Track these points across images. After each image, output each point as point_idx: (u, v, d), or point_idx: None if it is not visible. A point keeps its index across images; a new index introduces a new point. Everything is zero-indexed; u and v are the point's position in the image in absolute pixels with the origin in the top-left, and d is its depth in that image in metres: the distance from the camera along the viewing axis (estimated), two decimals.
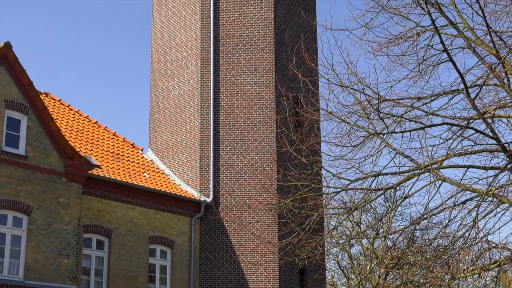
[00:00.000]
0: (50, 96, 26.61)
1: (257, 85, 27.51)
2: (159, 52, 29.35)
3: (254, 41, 27.93)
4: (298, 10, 29.35)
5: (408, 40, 15.49)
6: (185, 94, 27.88)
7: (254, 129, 27.08)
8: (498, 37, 13.98)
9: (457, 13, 14.64)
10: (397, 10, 15.27)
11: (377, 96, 14.44)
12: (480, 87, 14.04)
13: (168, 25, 29.28)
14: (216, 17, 28.11)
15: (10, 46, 20.36)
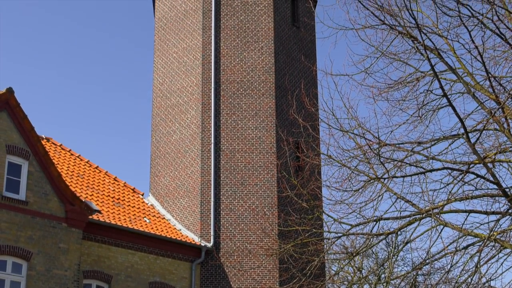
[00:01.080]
0: (51, 141, 26.67)
1: (257, 129, 27.59)
2: (160, 97, 29.52)
3: (255, 86, 28.11)
4: (298, 55, 29.60)
5: (408, 85, 15.60)
6: (186, 139, 27.95)
7: (255, 173, 27.08)
8: (497, 82, 14.08)
9: (456, 58, 14.77)
10: (396, 55, 15.41)
11: (378, 140, 14.47)
12: (480, 132, 14.08)
13: (169, 70, 29.50)
14: (217, 62, 28.34)
15: (12, 91, 20.49)
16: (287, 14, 29.89)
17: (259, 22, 28.95)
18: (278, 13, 29.38)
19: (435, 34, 14.78)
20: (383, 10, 14.63)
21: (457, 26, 14.59)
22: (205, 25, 28.77)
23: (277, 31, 29.04)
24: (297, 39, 29.95)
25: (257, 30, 28.84)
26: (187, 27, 29.35)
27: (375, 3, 14.72)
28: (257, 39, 28.72)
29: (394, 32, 14.85)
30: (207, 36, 28.65)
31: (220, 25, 28.81)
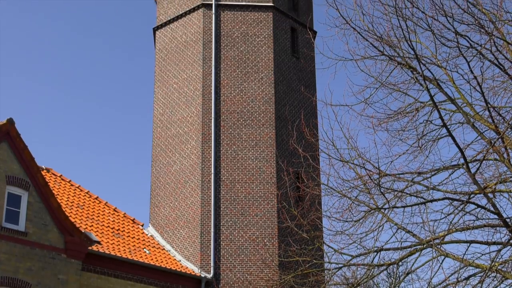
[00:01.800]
0: (51, 172, 26.66)
1: (258, 160, 27.59)
2: (160, 127, 29.57)
3: (255, 117, 28.17)
4: (298, 86, 29.71)
5: (407, 116, 15.63)
6: (186, 169, 27.94)
7: (255, 204, 27.02)
8: (497, 113, 14.11)
9: (455, 89, 14.81)
10: (396, 86, 15.46)
11: (378, 171, 14.45)
12: (480, 162, 14.07)
13: (169, 101, 29.59)
14: (217, 93, 28.44)
15: (13, 122, 20.54)
16: (287, 45, 30.06)
17: (259, 53, 29.10)
18: (278, 44, 29.55)
19: (434, 64, 14.85)
20: (382, 41, 14.71)
21: (456, 57, 14.67)
22: (205, 56, 28.93)
23: (277, 62, 29.19)
24: (297, 69, 30.08)
25: (257, 61, 28.98)
26: (187, 58, 29.50)
27: (374, 34, 14.81)
28: (257, 69, 28.86)
29: (393, 63, 14.92)
30: (208, 66, 28.79)
31: (220, 56, 28.96)
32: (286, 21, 30.41)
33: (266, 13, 29.69)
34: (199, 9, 29.74)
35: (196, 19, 29.77)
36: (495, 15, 13.92)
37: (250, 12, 29.67)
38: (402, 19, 14.05)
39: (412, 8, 14.35)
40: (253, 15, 29.63)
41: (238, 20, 29.56)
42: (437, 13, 14.20)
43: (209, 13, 29.51)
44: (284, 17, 30.31)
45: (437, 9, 14.14)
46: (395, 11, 14.09)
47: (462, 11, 13.96)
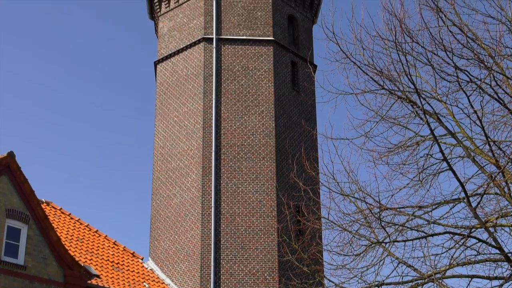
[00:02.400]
0: (51, 205, 26.61)
1: (258, 193, 27.55)
2: (161, 160, 29.57)
3: (255, 150, 28.19)
4: (298, 119, 29.78)
5: (407, 149, 15.64)
6: (186, 203, 27.88)
7: (256, 237, 26.91)
8: (497, 147, 14.12)
9: (456, 123, 14.84)
10: (396, 120, 15.50)
11: (378, 204, 14.43)
12: (481, 196, 14.05)
13: (170, 134, 29.64)
14: (217, 126, 28.50)
15: (13, 155, 20.56)
16: (287, 79, 30.21)
17: (260, 87, 29.23)
18: (279, 78, 29.69)
19: (434, 98, 14.90)
20: (382, 75, 14.78)
21: (456, 91, 14.73)
22: (206, 90, 29.04)
23: (277, 95, 29.30)
24: (298, 103, 30.18)
25: (258, 94, 29.09)
26: (188, 92, 29.62)
27: (374, 68, 14.89)
28: (258, 103, 28.95)
29: (393, 97, 14.97)
30: (208, 100, 28.89)
31: (221, 90, 29.08)
32: (287, 55, 30.59)
33: (266, 47, 29.88)
34: (200, 43, 29.94)
35: (197, 53, 29.95)
36: (495, 50, 14.01)
37: (251, 46, 29.87)
38: (402, 54, 14.13)
39: (412, 42, 14.45)
40: (253, 49, 29.82)
41: (238, 54, 29.75)
42: (436, 47, 14.29)
43: (210, 47, 29.70)
44: (284, 51, 30.49)
45: (436, 44, 14.23)
46: (395, 45, 14.18)
47: (462, 46, 14.06)
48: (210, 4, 30.39)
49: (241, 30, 30.11)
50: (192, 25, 30.58)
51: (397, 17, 14.19)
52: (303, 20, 32.30)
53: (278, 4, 31.05)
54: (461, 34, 14.03)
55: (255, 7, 30.51)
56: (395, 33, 14.17)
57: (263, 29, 30.17)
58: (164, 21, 31.94)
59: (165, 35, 31.67)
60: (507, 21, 14.13)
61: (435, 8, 14.20)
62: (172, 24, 31.50)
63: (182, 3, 31.38)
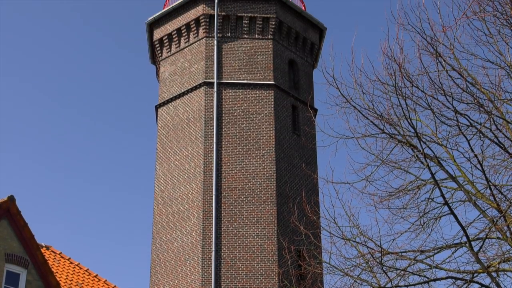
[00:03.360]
0: (51, 249, 26.45)
1: (259, 237, 27.40)
2: (161, 204, 29.48)
3: (256, 194, 28.13)
4: (299, 163, 29.77)
5: (408, 193, 15.60)
6: (186, 247, 27.72)
7: (256, 282, 26.69)
8: (498, 191, 14.10)
9: (457, 167, 14.83)
10: (397, 163, 15.50)
11: (380, 249, 14.35)
12: (483, 241, 13.98)
13: (171, 177, 29.61)
14: (218, 170, 28.48)
15: (14, 199, 20.52)
16: (288, 122, 30.29)
17: (261, 130, 29.29)
18: (279, 122, 29.77)
19: (435, 142, 14.92)
20: (383, 119, 14.83)
21: (456, 135, 14.76)
22: (207, 133, 29.11)
23: (278, 139, 29.34)
24: (298, 147, 30.22)
25: (259, 138, 29.15)
26: (189, 135, 29.68)
27: (374, 112, 14.95)
28: (259, 146, 28.99)
29: (394, 141, 15.00)
30: (209, 144, 28.93)
31: (222, 133, 29.15)
32: (287, 99, 30.72)
33: (267, 91, 30.04)
34: (201, 87, 30.10)
35: (198, 97, 30.10)
36: (494, 94, 14.08)
37: (252, 90, 30.03)
38: (402, 98, 14.21)
39: (412, 87, 14.54)
40: (254, 93, 29.98)
41: (239, 98, 29.89)
42: (436, 92, 14.37)
43: (211, 91, 29.86)
44: (285, 95, 30.64)
45: (436, 88, 14.32)
46: (395, 90, 14.27)
47: (461, 90, 14.14)
48: (211, 49, 30.65)
49: (242, 74, 30.30)
50: (193, 70, 30.79)
51: (397, 62, 14.31)
52: (304, 65, 32.53)
53: (279, 49, 31.32)
54: (461, 78, 14.12)
55: (256, 52, 30.76)
56: (394, 78, 14.27)
57: (264, 73, 30.37)
58: (166, 66, 32.17)
59: (166, 79, 31.86)
60: (506, 66, 14.23)
61: (434, 53, 14.32)
62: (173, 68, 31.72)
63: (183, 48, 31.65)
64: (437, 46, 14.32)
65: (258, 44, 30.91)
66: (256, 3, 31.39)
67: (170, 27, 32.24)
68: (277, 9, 31.41)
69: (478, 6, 13.51)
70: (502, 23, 13.86)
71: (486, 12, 13.68)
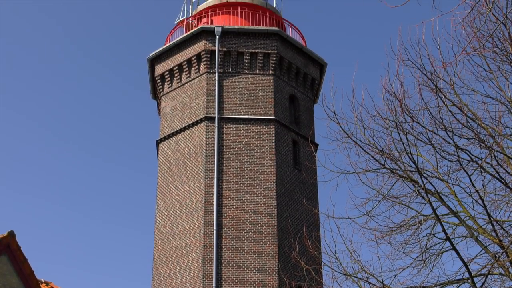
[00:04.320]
0: (50, 285, 26.25)
1: (260, 273, 27.24)
2: (161, 239, 29.35)
3: (257, 229, 28.03)
4: (300, 198, 29.71)
5: (410, 229, 15.56)
6: (187, 282, 27.54)
7: None
8: (500, 226, 14.07)
9: (458, 202, 14.81)
10: (398, 199, 15.48)
11: (382, 285, 14.29)
12: (486, 277, 13.91)
13: (171, 212, 29.52)
14: (219, 205, 28.42)
15: (14, 235, 20.42)
16: (289, 157, 30.29)
17: (261, 165, 29.28)
18: (280, 156, 29.78)
19: (436, 178, 14.92)
20: (384, 154, 14.86)
21: (457, 170, 14.77)
22: (207, 168, 29.09)
23: (279, 174, 29.32)
24: (299, 181, 30.19)
25: (259, 173, 29.13)
26: (190, 170, 29.66)
27: (375, 147, 14.99)
28: (259, 181, 28.95)
29: (395, 176, 15.00)
30: (210, 178, 28.90)
31: (222, 168, 29.13)
32: (288, 134, 30.77)
33: (268, 126, 30.10)
34: (202, 122, 30.16)
35: (199, 132, 30.15)
36: (495, 129, 14.12)
37: (252, 125, 30.09)
38: (403, 133, 14.27)
39: (412, 122, 14.59)
40: (255, 127, 30.04)
41: (240, 132, 29.94)
42: (437, 127, 14.42)
43: (212, 126, 29.92)
44: (286, 130, 30.69)
45: (437, 124, 14.37)
46: (396, 125, 14.32)
47: (462, 125, 14.19)
48: (212, 84, 30.79)
49: (243, 109, 30.39)
50: (194, 105, 30.89)
51: (397, 97, 14.39)
52: (304, 100, 32.65)
53: (280, 84, 31.45)
54: (461, 114, 14.18)
55: (257, 87, 30.89)
56: (395, 113, 14.34)
57: (265, 108, 30.46)
58: (167, 101, 32.29)
59: (167, 114, 31.95)
60: (506, 102, 14.29)
61: (434, 89, 14.40)
62: (174, 103, 31.83)
63: (185, 83, 31.79)
64: (437, 82, 14.41)
65: (259, 79, 31.05)
66: (257, 39, 31.62)
67: (172, 62, 32.43)
68: (278, 45, 31.62)
69: (478, 42, 13.62)
70: (502, 59, 13.95)
71: (486, 48, 13.78)
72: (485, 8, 12.43)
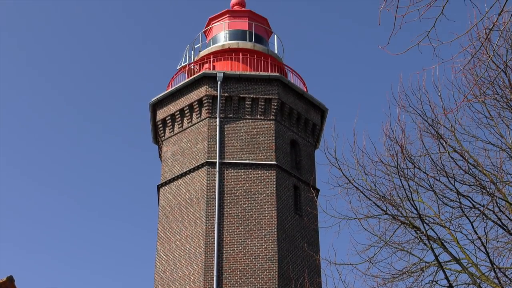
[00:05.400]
0: None
1: None
2: (161, 285, 29.11)
3: (258, 275, 27.82)
4: (301, 243, 29.56)
5: (412, 275, 15.47)
6: None
7: None
8: (503, 273, 13.98)
9: (460, 249, 14.75)
10: (400, 245, 15.42)
11: None
12: None
13: (172, 258, 29.34)
14: (219, 250, 28.26)
15: (13, 280, 20.31)
16: (290, 203, 30.23)
17: (262, 211, 29.21)
18: (281, 202, 29.71)
19: (438, 224, 14.89)
20: (385, 201, 14.85)
21: (459, 217, 14.75)
22: (208, 213, 29.00)
23: (280, 220, 29.22)
24: (300, 227, 30.07)
25: (260, 218, 29.03)
26: (190, 215, 29.57)
27: (376, 193, 14.99)
28: (260, 227, 28.84)
29: (396, 222, 14.97)
30: (210, 224, 28.80)
31: (223, 213, 29.05)
32: (289, 179, 30.76)
33: (269, 171, 30.10)
34: (203, 167, 30.17)
35: (200, 177, 30.14)
36: (496, 176, 14.15)
37: (254, 170, 30.09)
38: (404, 179, 14.29)
39: (414, 168, 14.63)
40: (256, 173, 30.03)
41: (241, 177, 29.92)
42: (438, 173, 14.45)
43: (213, 171, 29.92)
44: (287, 175, 30.68)
45: (438, 170, 14.40)
46: (397, 171, 14.35)
47: (463, 172, 14.22)
48: (213, 129, 30.88)
49: (244, 154, 30.43)
50: (196, 149, 30.94)
51: (399, 143, 14.45)
52: (305, 145, 32.71)
53: (281, 129, 31.55)
54: (463, 160, 14.22)
55: (258, 132, 30.98)
56: (397, 159, 14.38)
57: (266, 153, 30.50)
58: (168, 146, 32.35)
59: (168, 159, 31.98)
60: (508, 148, 14.34)
61: (435, 135, 14.47)
62: (175, 148, 31.88)
63: (186, 128, 31.89)
64: (438, 128, 14.49)
65: (260, 124, 31.16)
66: (258, 84, 31.83)
67: (173, 107, 32.58)
68: (279, 90, 31.81)
69: (479, 89, 13.73)
70: (503, 106, 14.05)
71: (487, 95, 13.89)
72: (485, 56, 12.57)
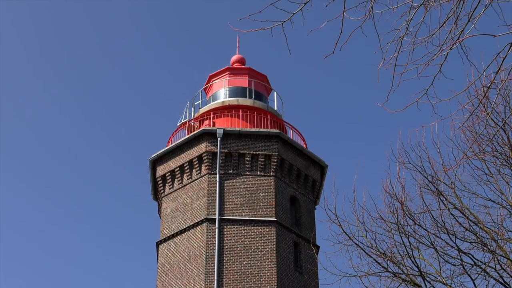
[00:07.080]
0: None
1: None
2: None
3: None
4: None
5: None
6: None
7: None
8: None
9: None
10: None
11: None
12: None
13: None
14: None
15: None
16: (290, 259, 30.01)
17: (262, 267, 28.97)
18: (281, 259, 29.50)
19: (439, 282, 14.79)
20: (386, 258, 14.78)
21: (461, 274, 14.65)
22: (208, 270, 28.76)
23: (280, 277, 28.96)
24: (300, 284, 29.78)
25: (260, 275, 28.78)
26: (190, 272, 29.32)
27: (377, 250, 14.93)
28: (260, 284, 28.57)
29: (397, 280, 14.87)
30: (210, 281, 28.53)
31: (223, 270, 28.81)
32: (289, 236, 30.58)
33: (269, 227, 29.95)
34: (203, 224, 30.03)
35: (199, 233, 29.97)
36: (497, 233, 14.11)
37: (253, 226, 29.95)
38: (405, 236, 14.25)
39: (414, 225, 14.60)
40: (256, 229, 29.89)
41: (241, 234, 29.76)
42: (439, 230, 14.41)
43: (213, 228, 29.77)
44: (287, 232, 30.52)
45: (439, 227, 14.36)
46: (398, 228, 14.32)
47: (464, 229, 14.18)
48: (213, 185, 30.83)
49: (244, 211, 30.32)
50: (195, 206, 30.85)
51: (399, 200, 14.46)
52: (305, 202, 32.63)
53: (281, 186, 31.52)
54: (463, 217, 14.20)
55: (258, 189, 30.94)
56: (397, 216, 14.36)
57: (266, 210, 30.40)
58: (168, 202, 32.26)
59: (168, 215, 31.85)
60: (508, 205, 14.33)
61: (436, 192, 14.48)
62: (175, 204, 31.79)
63: (186, 185, 31.85)
64: (438, 185, 14.51)
65: (260, 181, 31.14)
66: (258, 141, 31.91)
67: (173, 164, 32.59)
68: (279, 147, 31.89)
69: (478, 146, 13.80)
70: (502, 163, 14.09)
71: (486, 152, 13.95)
72: (484, 113, 12.67)
